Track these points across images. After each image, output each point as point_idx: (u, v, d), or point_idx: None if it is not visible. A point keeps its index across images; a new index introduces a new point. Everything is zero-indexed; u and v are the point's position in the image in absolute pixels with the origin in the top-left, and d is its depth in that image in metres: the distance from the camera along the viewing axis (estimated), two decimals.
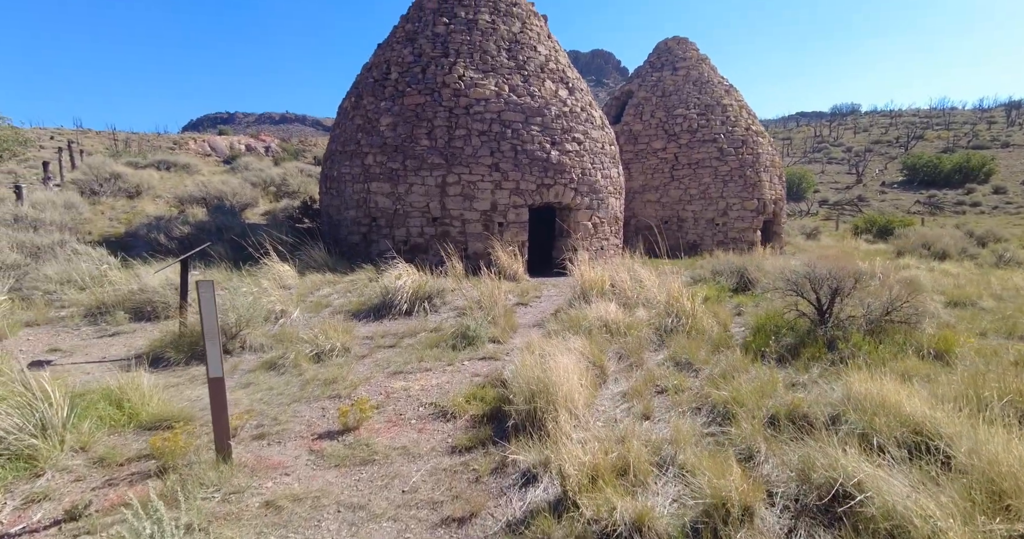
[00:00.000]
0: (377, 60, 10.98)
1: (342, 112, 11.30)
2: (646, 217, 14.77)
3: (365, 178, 10.23)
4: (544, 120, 10.13)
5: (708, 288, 6.87)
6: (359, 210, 10.42)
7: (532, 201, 10.04)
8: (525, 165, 9.87)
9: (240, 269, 8.40)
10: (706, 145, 14.28)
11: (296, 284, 7.93)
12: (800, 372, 3.73)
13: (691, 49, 15.45)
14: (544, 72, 10.64)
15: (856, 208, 33.19)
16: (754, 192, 14.44)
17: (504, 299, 7.28)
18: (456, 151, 9.70)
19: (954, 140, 50.72)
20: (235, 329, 4.87)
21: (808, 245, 18.16)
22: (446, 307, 6.86)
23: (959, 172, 40.00)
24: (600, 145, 11.06)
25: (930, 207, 35.09)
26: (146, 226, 9.36)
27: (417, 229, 9.96)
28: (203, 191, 12.70)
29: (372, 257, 10.38)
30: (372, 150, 10.12)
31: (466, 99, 9.80)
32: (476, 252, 9.94)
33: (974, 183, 39.51)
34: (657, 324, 4.92)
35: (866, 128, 62.96)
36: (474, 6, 10.67)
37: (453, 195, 9.74)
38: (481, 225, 9.85)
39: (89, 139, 33.55)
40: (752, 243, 14.66)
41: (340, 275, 8.62)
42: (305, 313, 6.39)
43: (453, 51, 10.22)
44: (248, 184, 15.38)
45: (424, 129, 9.81)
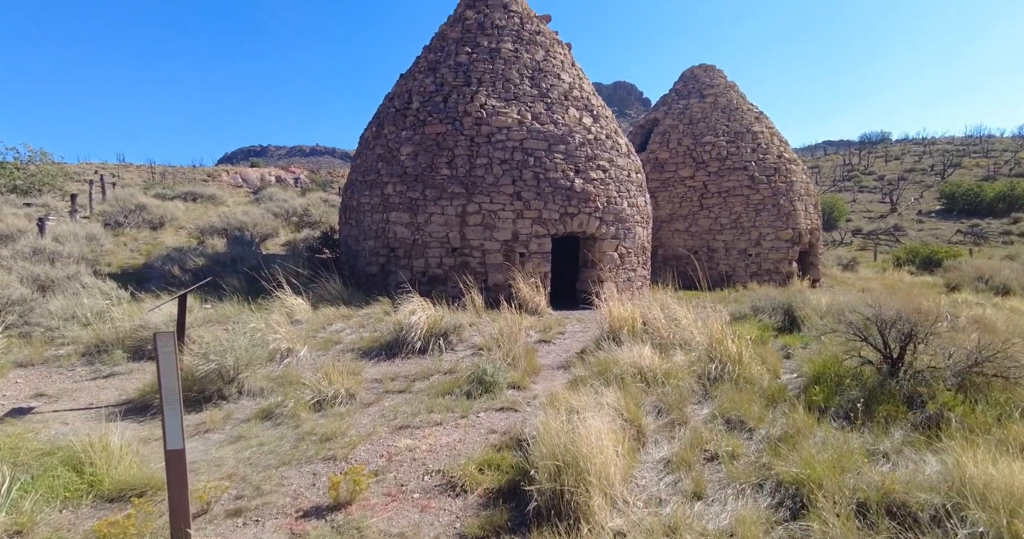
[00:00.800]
0: (399, 90, 10.89)
1: (363, 142, 11.18)
2: (674, 247, 14.18)
3: (384, 208, 9.98)
4: (568, 148, 9.80)
5: (750, 327, 6.24)
6: (377, 240, 10.14)
7: (555, 231, 9.61)
8: (548, 194, 9.49)
9: (253, 302, 8.11)
10: (736, 173, 13.75)
11: (308, 318, 7.57)
12: (878, 437, 3.11)
13: (719, 76, 15.12)
14: (568, 100, 10.37)
15: (893, 238, 31.86)
16: (788, 222, 13.76)
17: (525, 336, 6.78)
18: (477, 180, 9.39)
19: (994, 168, 48.90)
20: (232, 372, 4.47)
21: (846, 277, 17.22)
22: (462, 345, 6.38)
23: (1003, 200, 38.27)
24: (626, 173, 10.65)
25: (973, 237, 33.47)
26: (162, 258, 9.23)
27: (436, 260, 9.60)
28: (224, 222, 12.67)
29: (389, 289, 10.03)
30: (392, 179, 9.90)
31: (488, 127, 9.56)
32: (496, 284, 9.50)
33: (1020, 212, 37.73)
34: (699, 371, 4.33)
35: (898, 156, 61.44)
36: (497, 35, 10.56)
37: (473, 225, 9.39)
38: (502, 255, 9.44)
39: (130, 173, 34.82)
40: (788, 275, 13.90)
41: (354, 308, 8.25)
42: (313, 351, 5.98)
43: (475, 80, 10.05)
44: (270, 215, 15.38)
45: (445, 158, 9.56)
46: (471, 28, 10.70)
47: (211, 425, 3.96)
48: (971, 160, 54.53)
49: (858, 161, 61.03)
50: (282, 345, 5.56)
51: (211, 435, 3.82)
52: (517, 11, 11.02)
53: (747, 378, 4.22)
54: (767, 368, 4.52)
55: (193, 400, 4.36)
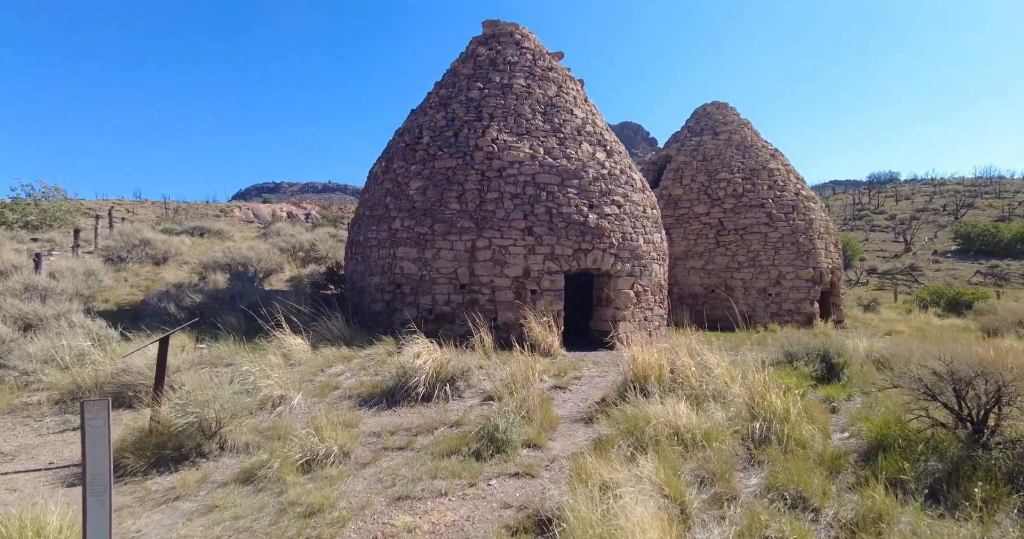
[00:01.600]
0: (409, 125, 10.76)
1: (372, 177, 10.98)
2: (690, 285, 13.68)
3: (391, 243, 9.64)
4: (581, 183, 9.50)
5: (786, 375, 5.68)
6: (383, 276, 9.76)
7: (568, 267, 9.19)
8: (561, 229, 9.12)
9: (250, 342, 7.66)
10: (753, 210, 13.39)
11: (307, 359, 7.09)
12: (984, 527, 2.54)
13: (731, 113, 15.01)
14: (581, 135, 10.16)
15: (911, 278, 31.12)
16: (808, 260, 13.28)
17: (538, 382, 6.25)
18: (487, 214, 9.06)
19: (1008, 209, 48.41)
20: (215, 425, 3.97)
21: (868, 318, 16.54)
22: (471, 391, 5.85)
23: (1022, 241, 37.59)
24: (641, 208, 10.30)
25: (994, 278, 32.64)
26: (159, 295, 8.87)
27: (443, 297, 9.17)
28: (228, 257, 12.38)
29: (394, 327, 9.57)
30: (400, 214, 9.60)
31: (499, 162, 9.31)
32: (506, 322, 9.01)
33: None
34: (742, 431, 3.78)
35: (908, 196, 61.25)
36: (509, 71, 10.48)
37: (483, 261, 9.00)
38: (512, 293, 9.00)
39: (144, 208, 35.25)
40: (810, 316, 13.30)
41: (356, 349, 7.77)
42: (309, 398, 5.47)
43: (487, 115, 9.89)
44: (276, 250, 15.12)
45: (455, 192, 9.27)
46: (483, 64, 10.65)
47: (183, 490, 3.44)
48: (983, 201, 54.12)
49: (868, 200, 60.81)
50: (274, 392, 5.07)
51: (181, 503, 3.30)
52: (529, 48, 10.99)
53: (797, 440, 3.66)
54: (817, 427, 3.96)
55: (168, 459, 3.85)
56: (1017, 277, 33.15)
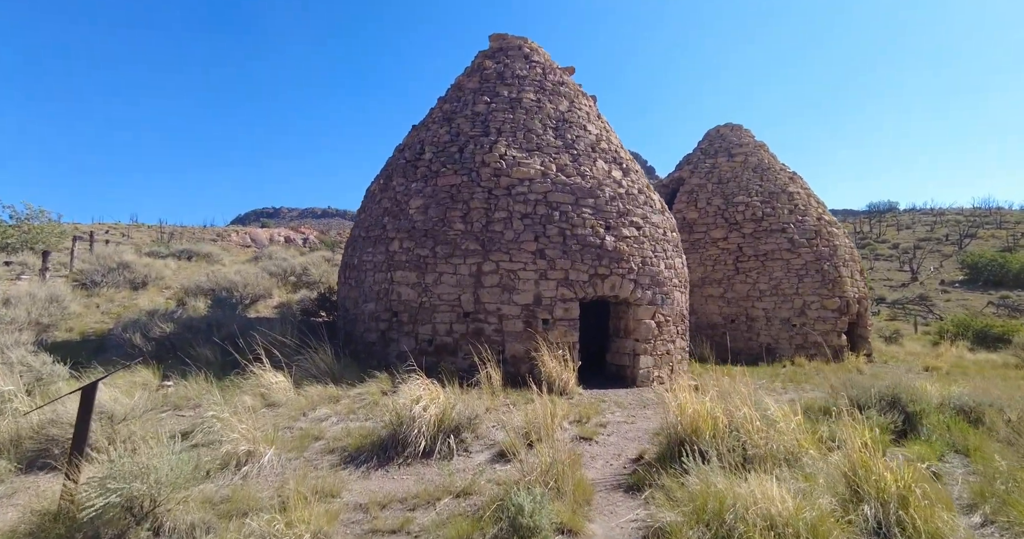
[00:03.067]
0: (410, 140, 10.03)
1: (369, 195, 10.18)
2: (708, 315, 12.77)
3: (388, 266, 8.76)
4: (597, 202, 8.70)
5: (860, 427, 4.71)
6: (379, 303, 8.84)
7: (583, 294, 8.29)
8: (575, 252, 8.27)
9: (225, 378, 6.68)
10: (774, 235, 12.60)
11: (288, 400, 6.11)
12: None
13: (746, 135, 14.41)
14: (595, 152, 9.43)
15: (925, 308, 30.25)
16: (834, 289, 12.42)
17: (559, 430, 5.27)
18: (495, 236, 8.22)
19: (1012, 239, 47.99)
20: (147, 504, 2.98)
21: (893, 352, 15.59)
22: (479, 444, 4.86)
23: None
24: (661, 231, 9.48)
25: (1007, 310, 31.81)
26: (128, 323, 7.91)
27: (445, 326, 8.24)
28: (212, 282, 11.47)
29: (390, 360, 8.61)
30: (399, 235, 8.75)
31: (508, 179, 8.52)
32: (515, 355, 8.06)
33: None
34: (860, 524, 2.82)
35: (908, 225, 61.03)
36: (518, 85, 9.82)
37: (490, 286, 8.10)
38: (522, 322, 8.08)
39: (140, 232, 34.46)
40: (837, 349, 12.36)
41: (346, 387, 6.79)
42: (284, 453, 4.48)
43: (494, 130, 9.16)
44: (265, 274, 14.22)
45: (459, 211, 8.45)
46: (490, 78, 10.00)
47: None
48: (986, 231, 53.82)
49: (868, 229, 60.50)
50: (240, 447, 4.08)
51: None
52: (539, 61, 10.38)
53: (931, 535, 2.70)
54: (943, 507, 3.00)
55: None
56: None
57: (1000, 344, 16.22)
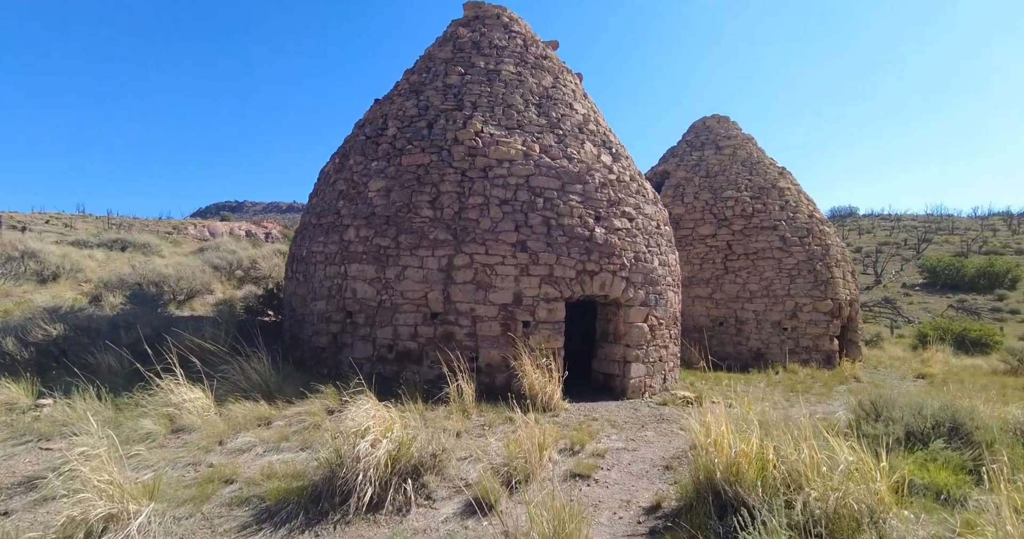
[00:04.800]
0: (372, 115, 8.75)
1: (322, 177, 8.86)
2: (695, 316, 11.91)
3: (342, 258, 7.48)
4: (586, 189, 7.64)
5: (935, 467, 3.76)
6: (330, 301, 7.55)
7: (570, 293, 7.22)
8: (561, 245, 7.18)
9: (127, 393, 5.29)
10: (765, 232, 11.84)
11: (204, 423, 4.79)
12: None
13: (734, 128, 13.65)
14: (583, 133, 8.37)
15: (894, 311, 30.55)
16: (827, 291, 11.73)
17: (547, 463, 4.15)
18: (469, 224, 7.06)
19: (963, 245, 49.67)
20: None
21: (876, 355, 15.12)
22: (446, 487, 3.69)
23: (984, 277, 38.13)
24: (655, 224, 8.50)
25: (964, 312, 32.52)
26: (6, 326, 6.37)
27: (409, 329, 7.03)
28: (139, 275, 9.89)
29: (342, 369, 7.34)
30: (355, 222, 7.49)
31: (484, 159, 7.37)
32: (491, 364, 6.92)
33: (1002, 289, 37.48)
34: None
35: (869, 229, 62.61)
36: (496, 56, 8.67)
37: (462, 283, 6.93)
38: (499, 325, 6.95)
39: (86, 223, 31.66)
40: (830, 354, 11.68)
41: (283, 404, 5.51)
42: (173, 509, 3.21)
43: (469, 103, 8.00)
44: (208, 267, 12.64)
45: (427, 195, 7.25)
46: (464, 47, 8.82)
47: None
48: (940, 237, 55.66)
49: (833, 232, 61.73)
50: (93, 511, 2.79)
51: None
52: (520, 32, 9.26)
53: None
54: None
55: None
56: (987, 312, 33.13)
57: (978, 348, 16.00)
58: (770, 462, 3.10)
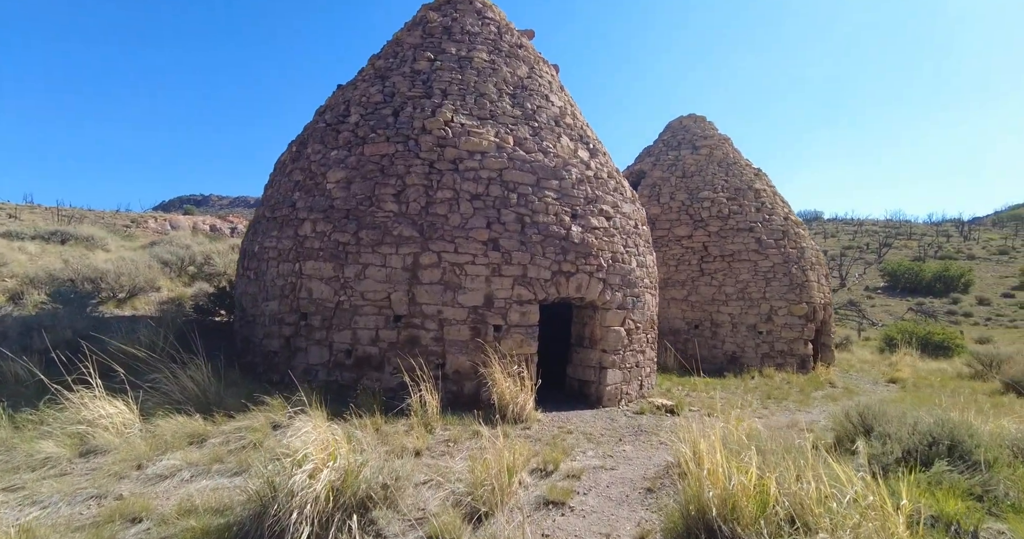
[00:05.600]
0: (333, 101, 8.13)
1: (278, 167, 8.19)
2: (670, 319, 11.64)
3: (297, 255, 6.86)
4: (562, 185, 7.21)
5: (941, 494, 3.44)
6: (283, 302, 6.92)
7: (545, 295, 6.77)
8: (536, 243, 6.73)
9: (32, 407, 4.59)
10: (741, 234, 11.65)
11: (124, 443, 4.15)
12: None
13: (710, 128, 13.47)
14: (560, 126, 7.93)
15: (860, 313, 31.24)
16: (802, 294, 11.62)
17: (518, 488, 3.69)
18: (437, 220, 6.53)
19: (921, 250, 51.54)
20: None
21: (846, 359, 15.19)
22: (400, 522, 3.17)
23: (940, 281, 39.58)
24: (633, 223, 8.13)
25: (923, 315, 33.58)
26: None
27: (369, 333, 6.46)
28: (73, 271, 9.01)
29: (296, 375, 6.73)
30: (312, 215, 6.88)
31: (454, 150, 6.85)
32: (459, 370, 6.42)
33: (956, 292, 38.93)
34: None
35: (833, 233, 64.40)
36: (468, 42, 8.16)
37: (429, 283, 6.41)
38: (468, 329, 6.45)
39: (34, 215, 29.60)
40: (804, 358, 11.57)
41: (222, 418, 4.89)
42: None
43: (439, 91, 7.46)
44: (156, 262, 11.75)
45: (391, 188, 6.70)
46: (434, 32, 8.28)
47: None
48: (899, 241, 57.71)
49: None
50: None
51: None
52: (493, 19, 8.76)
53: None
54: None
55: None
56: (943, 314, 34.28)
57: (941, 352, 16.28)
58: (772, 496, 2.70)
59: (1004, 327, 30.85)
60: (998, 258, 48.57)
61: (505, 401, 5.87)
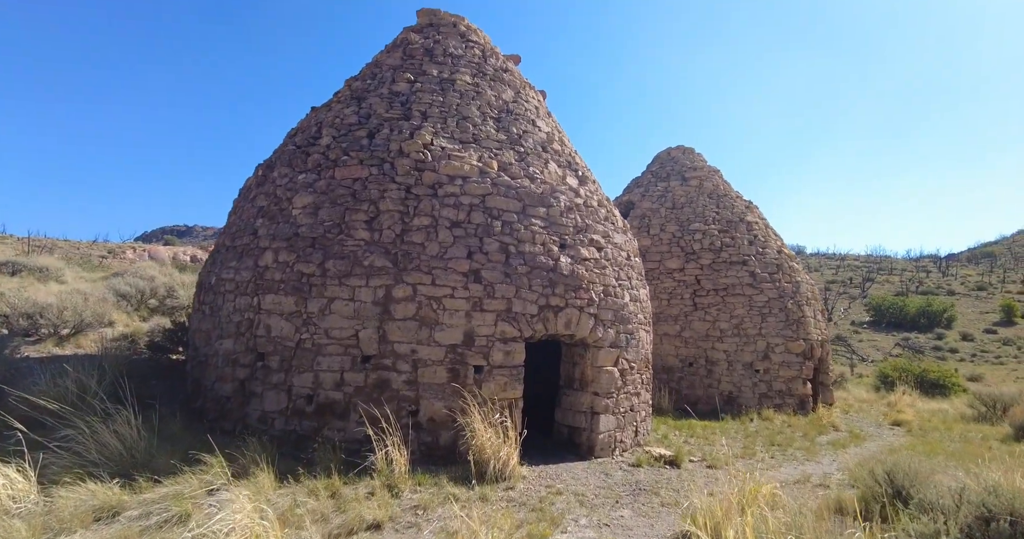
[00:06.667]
0: (305, 123, 7.62)
1: (243, 193, 7.58)
2: (663, 356, 11.01)
3: (256, 288, 6.16)
4: (550, 212, 6.68)
5: None
6: (239, 340, 6.17)
7: (531, 332, 6.12)
8: (522, 275, 6.12)
9: None
10: (735, 268, 11.21)
11: (2, 526, 3.32)
12: None
13: (699, 160, 13.25)
14: (547, 152, 7.49)
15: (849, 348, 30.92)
16: (799, 331, 11.12)
17: None
18: (412, 249, 5.92)
19: (903, 285, 52.11)
20: None
21: (843, 398, 14.60)
22: None
23: (924, 316, 39.68)
24: (625, 254, 7.60)
25: (910, 350, 33.41)
26: None
27: (333, 376, 5.72)
28: (9, 305, 8.15)
29: (250, 424, 5.97)
30: (274, 244, 6.22)
31: (433, 175, 6.32)
32: (434, 418, 5.67)
33: (940, 328, 39.02)
34: None
35: (816, 268, 65.07)
36: (451, 65, 7.77)
37: (402, 319, 5.73)
38: (446, 370, 5.74)
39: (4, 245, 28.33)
40: (803, 398, 10.96)
41: (147, 483, 4.07)
42: None
43: (418, 113, 6.99)
44: (112, 295, 10.89)
45: (363, 214, 6.10)
46: (415, 53, 7.89)
47: None
48: (881, 276, 58.37)
49: None
50: None
51: None
52: (478, 42, 8.43)
53: None
54: None
55: None
56: (929, 350, 34.14)
57: (937, 390, 15.80)
58: None
59: (990, 363, 30.73)
60: (977, 294, 49.17)
61: (486, 455, 5.12)
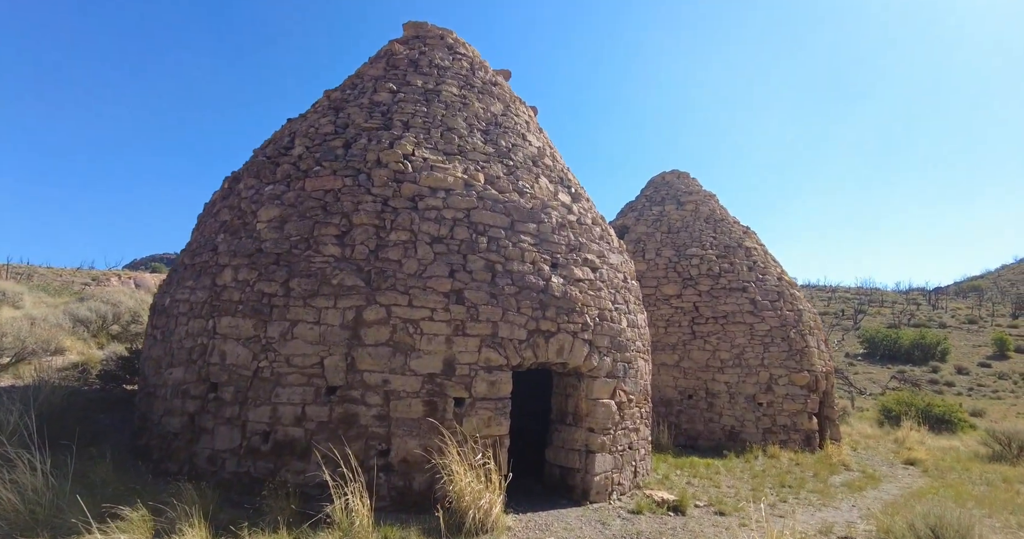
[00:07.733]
0: (279, 134, 7.12)
1: (207, 207, 6.99)
2: (661, 388, 10.34)
3: (212, 310, 5.50)
4: (540, 229, 6.14)
5: None
6: (190, 368, 5.46)
7: (519, 359, 5.47)
8: (509, 296, 5.53)
9: None
10: (734, 294, 10.70)
11: None
12: None
13: (694, 184, 12.93)
14: (537, 166, 7.02)
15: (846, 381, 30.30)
16: (803, 361, 10.54)
17: None
18: (388, 267, 5.32)
19: (895, 317, 51.98)
20: None
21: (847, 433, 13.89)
22: None
23: (918, 348, 39.27)
24: (622, 276, 7.05)
25: (907, 383, 32.84)
26: None
27: (293, 410, 5.01)
28: None
29: (198, 465, 5.22)
30: (234, 261, 5.60)
31: (413, 186, 5.78)
32: (407, 459, 4.95)
33: (934, 360, 38.60)
34: None
35: (808, 299, 65.01)
36: (437, 76, 7.37)
37: (373, 344, 5.08)
38: (422, 403, 5.06)
39: None
40: (809, 434, 10.29)
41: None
42: None
43: (399, 123, 6.52)
44: (69, 320, 10.11)
45: (334, 228, 5.52)
46: (399, 64, 7.50)
47: None
48: (872, 308, 58.30)
49: None
50: None
51: None
52: (466, 55, 8.08)
53: None
54: None
55: None
56: (926, 383, 33.58)
57: (943, 426, 15.16)
58: None
59: (988, 397, 30.16)
60: (968, 327, 49.06)
61: (465, 504, 4.40)
